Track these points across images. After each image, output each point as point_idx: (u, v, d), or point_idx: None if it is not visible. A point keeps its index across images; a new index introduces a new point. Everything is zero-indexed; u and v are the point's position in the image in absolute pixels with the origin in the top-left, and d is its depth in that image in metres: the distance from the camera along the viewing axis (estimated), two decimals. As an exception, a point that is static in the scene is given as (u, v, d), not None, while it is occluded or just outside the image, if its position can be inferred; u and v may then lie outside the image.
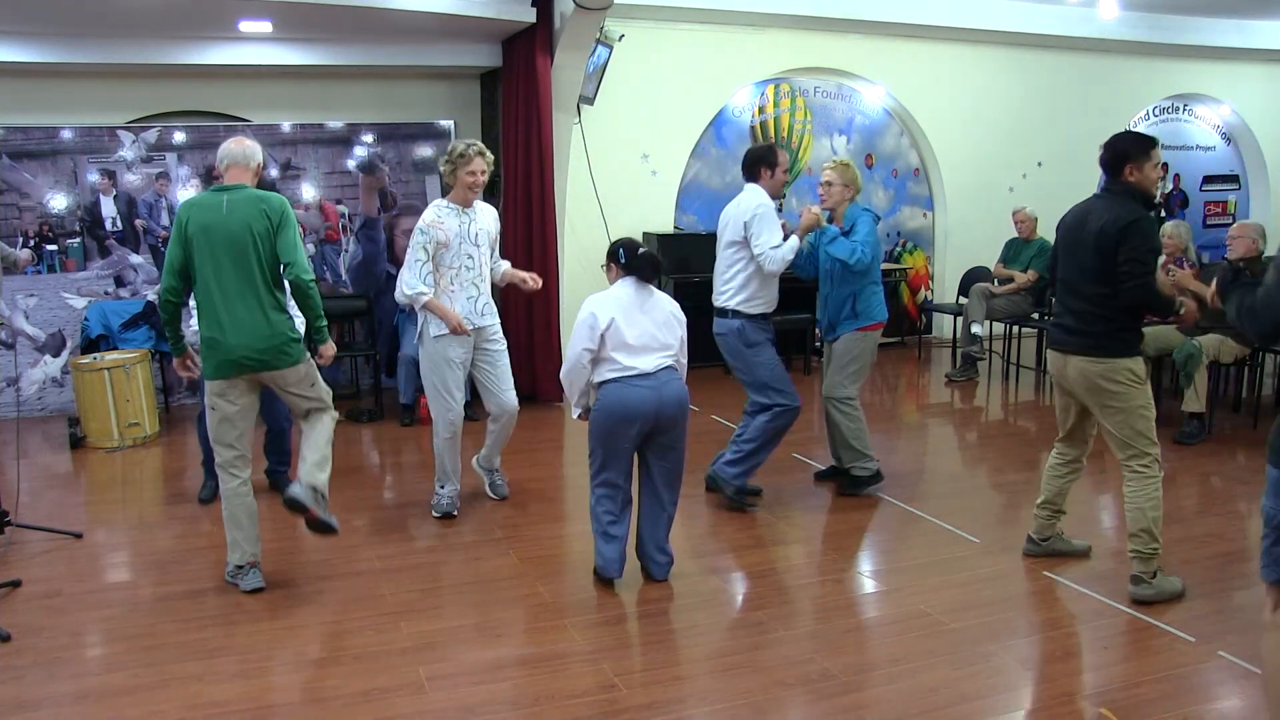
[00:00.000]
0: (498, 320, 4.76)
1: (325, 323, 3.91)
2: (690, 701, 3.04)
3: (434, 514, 4.75)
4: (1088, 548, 4.19)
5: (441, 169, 4.61)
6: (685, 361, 3.91)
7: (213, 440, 3.83)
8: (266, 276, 3.72)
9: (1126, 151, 3.66)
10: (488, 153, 4.57)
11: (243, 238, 3.66)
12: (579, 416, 3.93)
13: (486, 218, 4.71)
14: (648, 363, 3.72)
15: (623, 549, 3.88)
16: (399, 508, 4.96)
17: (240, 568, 3.89)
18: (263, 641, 3.48)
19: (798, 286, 5.15)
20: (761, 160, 4.71)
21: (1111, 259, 3.58)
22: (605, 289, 3.89)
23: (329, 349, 3.95)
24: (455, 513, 4.75)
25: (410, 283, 4.48)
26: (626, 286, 3.83)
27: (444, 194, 4.67)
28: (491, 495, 5.01)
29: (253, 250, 3.67)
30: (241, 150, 3.81)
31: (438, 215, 4.53)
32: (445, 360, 4.56)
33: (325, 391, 3.94)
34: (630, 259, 3.83)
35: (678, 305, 3.92)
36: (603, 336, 3.70)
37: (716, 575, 4.07)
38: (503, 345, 4.77)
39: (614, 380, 3.71)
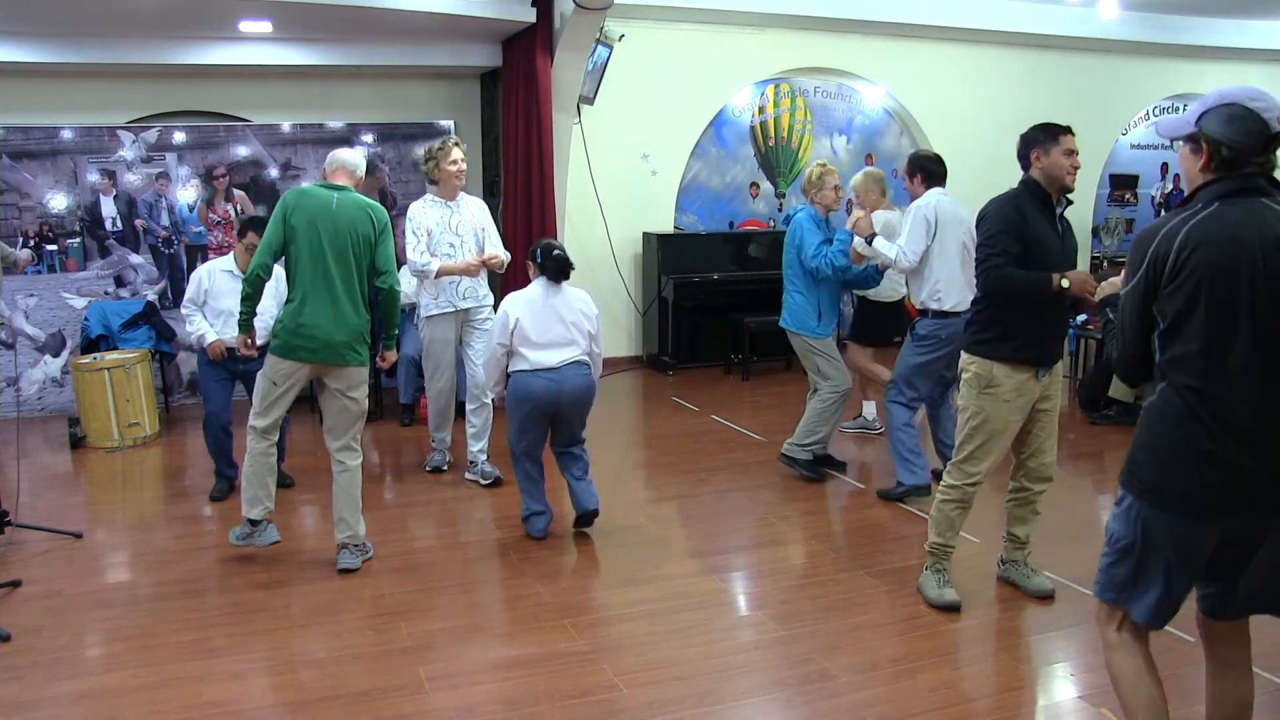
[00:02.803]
0: (484, 305, 5.13)
1: (397, 332, 4.29)
2: (690, 701, 3.04)
3: (425, 468, 5.35)
4: (1048, 591, 3.77)
5: (424, 168, 5.03)
6: (599, 350, 4.34)
7: (256, 409, 4.03)
8: (360, 276, 4.00)
9: (1033, 138, 3.50)
10: (462, 143, 5.03)
11: (347, 236, 3.94)
12: (491, 400, 4.52)
13: (471, 210, 5.08)
14: (553, 357, 4.15)
15: (548, 514, 4.41)
16: (399, 508, 4.96)
17: (255, 524, 4.05)
18: (262, 641, 3.48)
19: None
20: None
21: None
22: (582, 287, 4.39)
23: (393, 355, 4.34)
24: (445, 468, 5.33)
25: (416, 260, 4.92)
26: (538, 286, 4.23)
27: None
28: (478, 480, 5.20)
29: (353, 250, 3.95)
30: (352, 157, 4.15)
31: (421, 206, 5.01)
32: (434, 338, 5.07)
33: (365, 408, 4.13)
34: (543, 260, 4.21)
35: (590, 301, 4.32)
36: (512, 333, 4.13)
37: (716, 575, 4.07)
38: (488, 326, 5.00)
39: (521, 372, 4.17)
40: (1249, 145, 2.14)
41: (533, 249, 4.34)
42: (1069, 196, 3.62)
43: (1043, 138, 3.48)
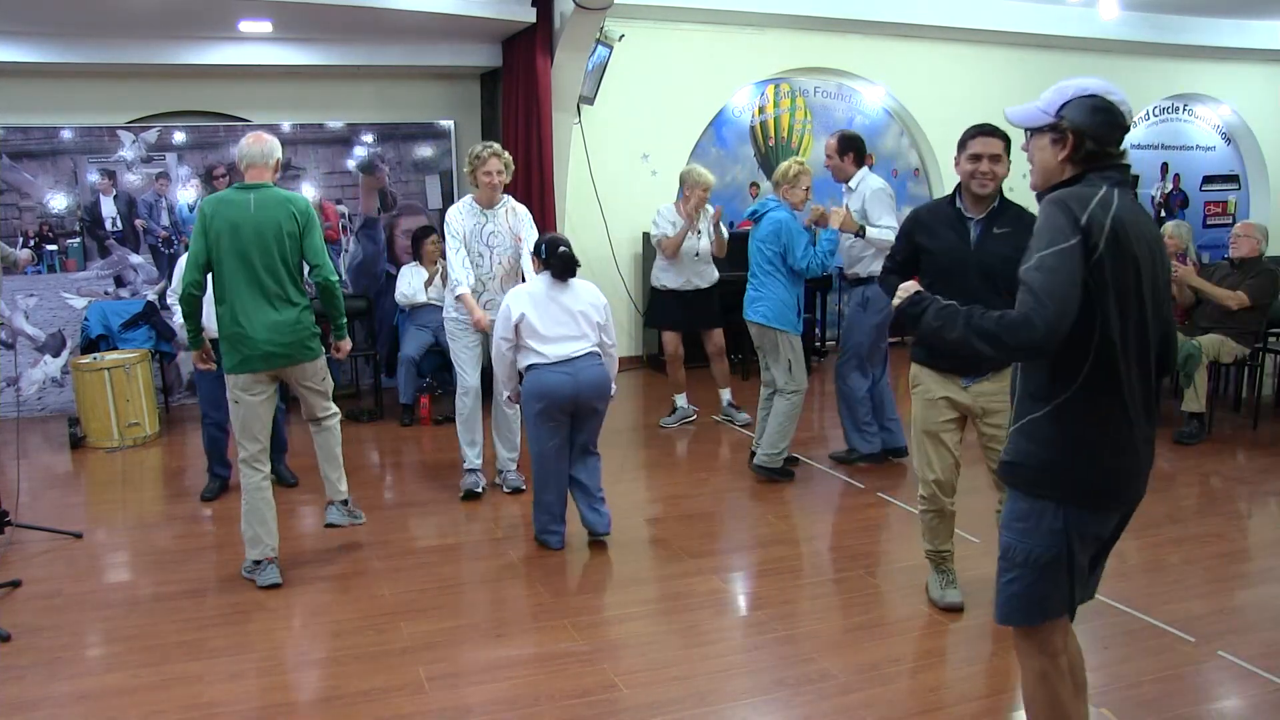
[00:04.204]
0: None
1: (345, 320, 4.12)
2: (690, 701, 3.04)
3: (459, 495, 5.03)
4: None
5: (465, 169, 4.95)
6: (611, 341, 4.25)
7: (237, 434, 3.93)
8: (292, 274, 3.86)
9: (960, 141, 3.43)
10: (505, 154, 4.90)
11: (270, 236, 3.78)
12: (506, 399, 4.47)
13: (510, 221, 4.95)
14: (564, 350, 4.08)
15: (563, 527, 4.31)
16: (399, 507, 4.96)
17: (258, 563, 3.93)
18: (262, 641, 3.48)
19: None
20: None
21: None
22: (594, 285, 4.35)
23: (346, 344, 4.17)
24: (479, 490, 5.01)
25: (454, 275, 4.87)
26: (542, 280, 4.19)
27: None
28: (504, 488, 5.11)
29: (278, 249, 3.80)
30: (260, 149, 3.87)
31: (457, 213, 4.93)
32: (457, 343, 4.98)
33: (330, 385, 4.13)
34: (548, 256, 4.16)
35: (597, 292, 4.27)
36: (517, 327, 4.09)
37: (716, 575, 4.07)
38: None
39: (535, 367, 4.10)
40: (1110, 137, 2.15)
41: (537, 243, 4.29)
42: (1004, 199, 3.46)
43: (961, 140, 3.42)
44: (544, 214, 6.79)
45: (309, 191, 7.23)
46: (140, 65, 6.67)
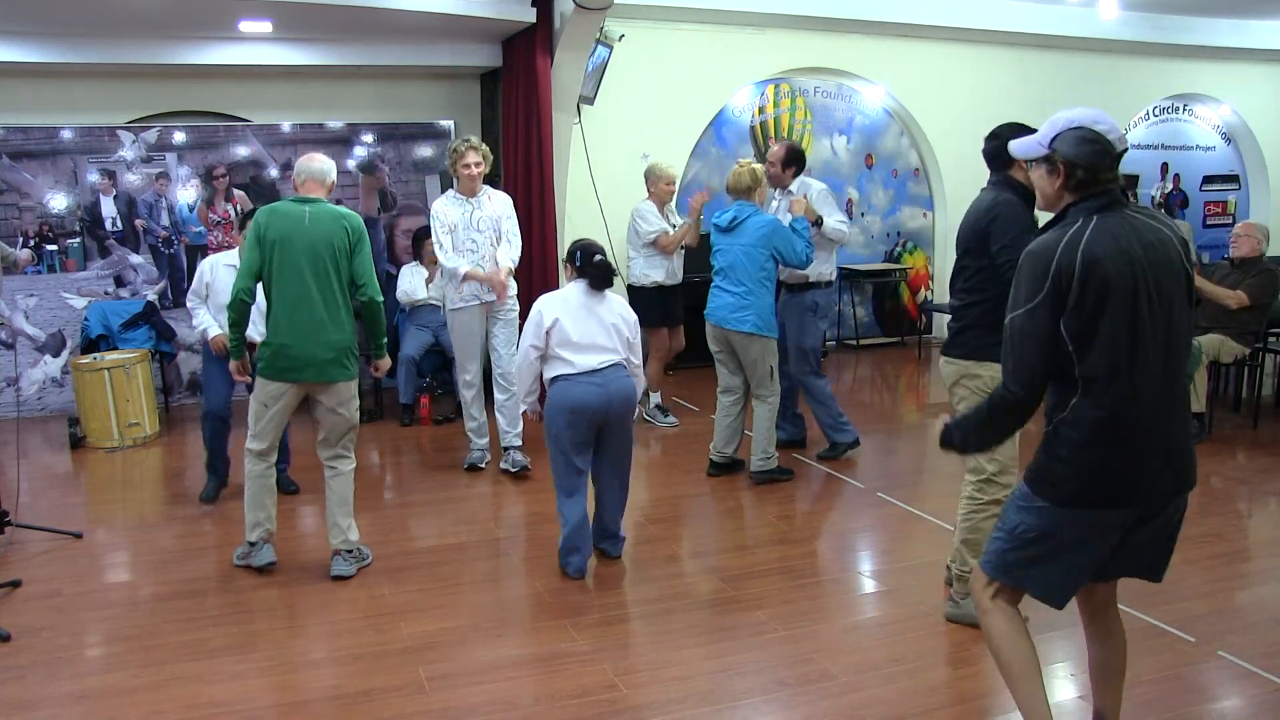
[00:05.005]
0: (508, 298, 5.23)
1: (386, 340, 4.18)
2: (690, 701, 3.04)
3: (464, 466, 5.41)
4: None
5: (446, 165, 5.19)
6: (637, 362, 4.04)
7: (252, 431, 3.98)
8: (340, 290, 3.91)
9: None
10: (481, 145, 5.12)
11: (323, 250, 3.86)
12: (524, 412, 4.20)
13: (494, 206, 5.22)
14: (595, 359, 3.89)
15: (587, 552, 4.05)
16: (399, 507, 4.97)
17: (254, 544, 4.00)
18: (263, 641, 3.48)
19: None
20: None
21: (980, 255, 3.32)
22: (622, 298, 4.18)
23: (385, 362, 4.23)
24: (483, 466, 5.39)
25: (446, 263, 5.10)
26: (576, 288, 4.00)
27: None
28: (509, 468, 5.27)
29: (331, 263, 3.87)
30: (319, 167, 4.00)
31: (443, 204, 5.17)
32: (460, 331, 5.23)
33: (356, 418, 4.06)
34: (584, 264, 4.00)
35: (629, 308, 4.08)
36: (548, 334, 3.90)
37: (716, 575, 4.07)
38: (512, 318, 5.24)
39: (563, 378, 3.89)
40: (1100, 165, 2.31)
41: (571, 250, 4.09)
42: None
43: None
44: (544, 214, 6.78)
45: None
46: (140, 65, 6.67)
